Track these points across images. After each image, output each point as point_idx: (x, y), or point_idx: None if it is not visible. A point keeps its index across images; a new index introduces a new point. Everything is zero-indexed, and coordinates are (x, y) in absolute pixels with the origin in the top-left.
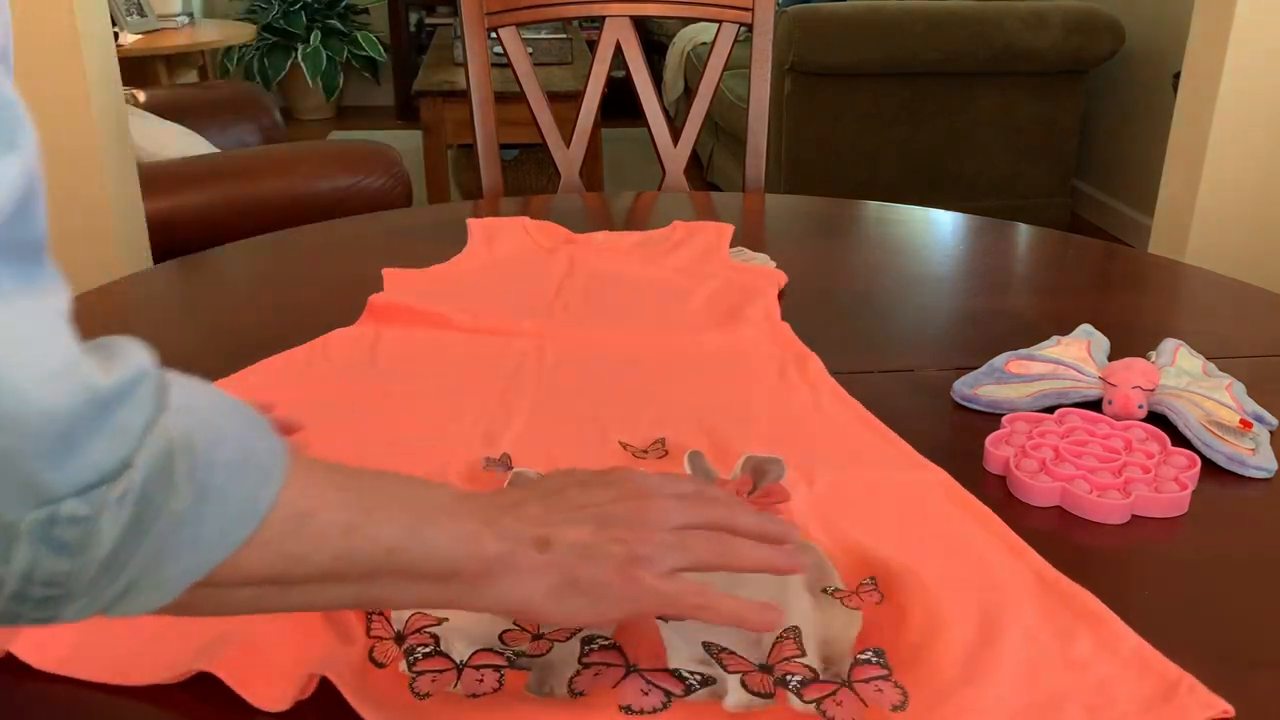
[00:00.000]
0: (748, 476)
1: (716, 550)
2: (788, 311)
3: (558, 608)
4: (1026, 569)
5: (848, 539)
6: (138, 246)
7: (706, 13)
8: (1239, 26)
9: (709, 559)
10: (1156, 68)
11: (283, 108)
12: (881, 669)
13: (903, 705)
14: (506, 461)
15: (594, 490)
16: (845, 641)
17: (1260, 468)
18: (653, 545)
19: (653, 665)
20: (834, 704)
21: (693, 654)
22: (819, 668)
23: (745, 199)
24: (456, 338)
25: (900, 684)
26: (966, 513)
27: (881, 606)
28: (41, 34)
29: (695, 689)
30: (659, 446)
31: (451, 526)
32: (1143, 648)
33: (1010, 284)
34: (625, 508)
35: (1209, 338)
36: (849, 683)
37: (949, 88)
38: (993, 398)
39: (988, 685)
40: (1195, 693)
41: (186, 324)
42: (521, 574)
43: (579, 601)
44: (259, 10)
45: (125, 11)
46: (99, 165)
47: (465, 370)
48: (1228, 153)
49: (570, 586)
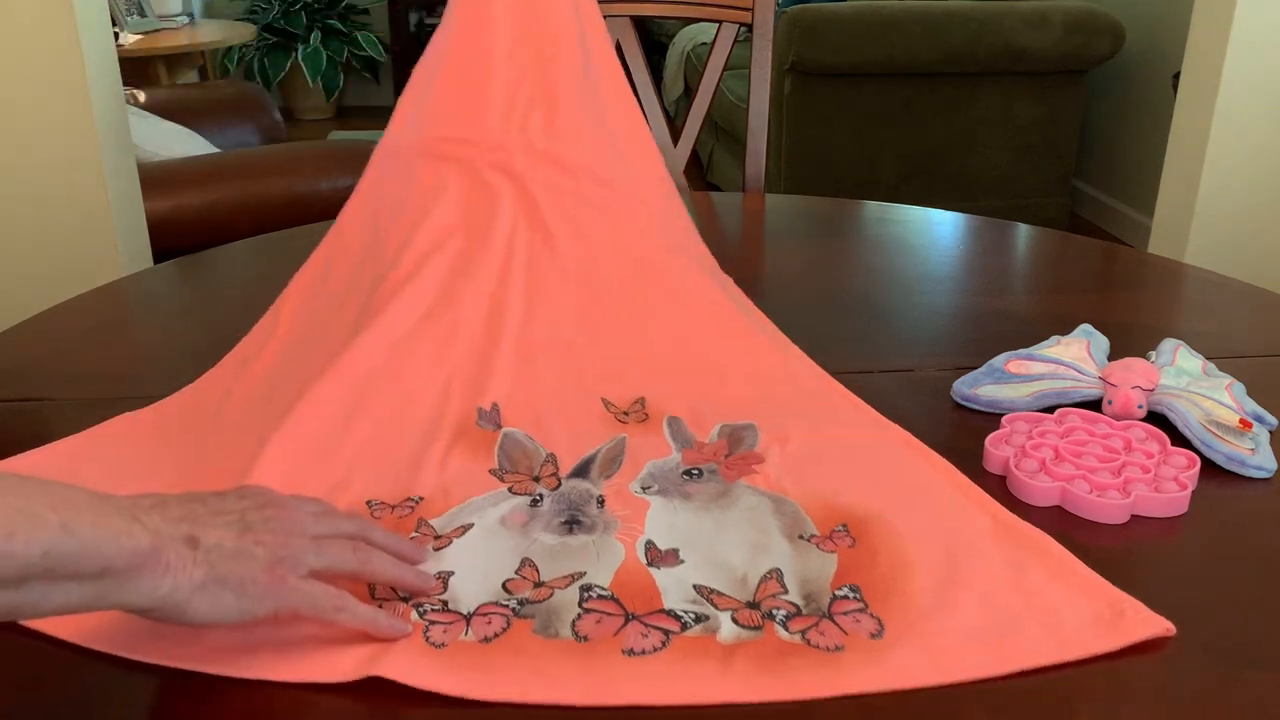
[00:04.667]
0: (724, 441)
1: (355, 558)
2: (787, 311)
3: (205, 604)
4: (983, 512)
5: (819, 492)
6: (138, 246)
7: (706, 13)
8: (1239, 26)
9: (347, 563)
10: (1156, 68)
11: (283, 108)
12: (858, 602)
13: (879, 633)
14: (495, 417)
15: (232, 501)
16: (823, 580)
17: (1260, 468)
18: (294, 548)
19: (649, 610)
20: (817, 634)
21: (685, 596)
22: (801, 603)
23: (745, 199)
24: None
25: (876, 614)
26: (927, 464)
27: (854, 549)
28: (41, 34)
29: (690, 626)
30: (639, 409)
31: (101, 523)
32: (1091, 576)
33: (1010, 284)
34: (265, 514)
35: (1209, 338)
36: (830, 615)
37: (949, 88)
38: (993, 398)
39: (955, 612)
40: (1139, 612)
41: (186, 324)
42: (171, 569)
43: (226, 598)
44: (259, 10)
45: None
46: (99, 165)
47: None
48: (1228, 153)
49: (218, 583)
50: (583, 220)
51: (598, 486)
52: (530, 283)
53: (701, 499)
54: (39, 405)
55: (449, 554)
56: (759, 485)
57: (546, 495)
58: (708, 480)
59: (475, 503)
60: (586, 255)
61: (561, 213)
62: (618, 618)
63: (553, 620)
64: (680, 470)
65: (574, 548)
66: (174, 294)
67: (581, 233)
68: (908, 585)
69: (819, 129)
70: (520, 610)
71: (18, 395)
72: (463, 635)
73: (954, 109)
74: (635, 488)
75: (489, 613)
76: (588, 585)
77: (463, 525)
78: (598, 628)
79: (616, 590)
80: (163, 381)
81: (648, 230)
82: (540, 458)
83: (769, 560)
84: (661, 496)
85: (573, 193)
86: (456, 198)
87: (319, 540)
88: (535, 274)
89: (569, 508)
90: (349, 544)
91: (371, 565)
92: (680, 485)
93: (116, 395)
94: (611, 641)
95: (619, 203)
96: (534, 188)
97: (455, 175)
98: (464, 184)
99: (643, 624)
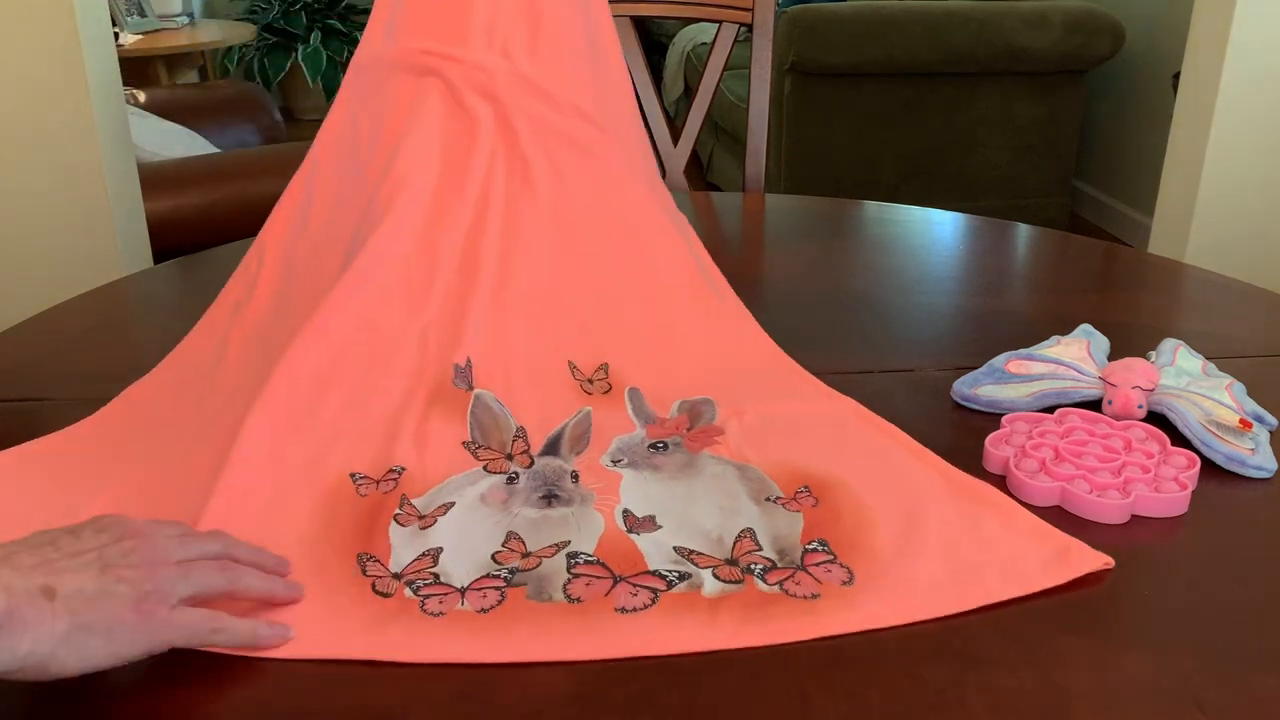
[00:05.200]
0: (684, 416)
1: (223, 577)
2: (787, 311)
3: (71, 655)
4: (934, 471)
5: (779, 458)
6: (138, 246)
7: (706, 13)
8: (1239, 26)
9: (216, 585)
10: (1156, 68)
11: (283, 108)
12: (827, 555)
13: (850, 581)
14: (468, 375)
15: (88, 537)
16: (793, 536)
17: (1260, 468)
18: (159, 579)
19: (635, 572)
20: (794, 584)
21: (667, 557)
22: (775, 557)
23: (745, 199)
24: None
25: (845, 564)
26: (878, 430)
27: (817, 509)
28: (41, 34)
29: (676, 583)
30: (603, 377)
31: None
32: (1039, 523)
33: (1010, 284)
34: (125, 547)
35: (1209, 338)
36: (803, 567)
37: (949, 88)
38: (993, 398)
39: (918, 560)
40: (1082, 551)
41: (186, 324)
42: (29, 626)
43: (94, 645)
44: (259, 10)
45: (125, 11)
46: (99, 165)
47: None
48: (1228, 153)
49: (83, 631)
50: (563, 158)
51: (569, 462)
52: (507, 224)
53: (670, 469)
54: (39, 405)
55: (434, 532)
56: (722, 454)
57: (522, 473)
58: (673, 452)
59: (454, 481)
60: (565, 196)
61: (542, 148)
62: (606, 580)
63: (545, 586)
64: (646, 444)
65: (555, 519)
66: (174, 294)
67: (561, 171)
68: (871, 539)
69: (819, 129)
70: (512, 579)
71: (18, 395)
72: (459, 605)
73: (954, 109)
74: (606, 461)
75: (483, 586)
76: (574, 552)
77: (444, 504)
78: (589, 590)
79: (602, 556)
80: None
81: (625, 178)
82: (510, 430)
83: (740, 521)
84: (632, 469)
85: (556, 128)
86: (435, 123)
87: (184, 565)
88: (512, 214)
89: (545, 483)
90: (215, 564)
91: (241, 583)
92: (648, 458)
93: (116, 395)
94: (603, 601)
95: (602, 143)
96: (516, 118)
97: (435, 94)
98: (443, 107)
99: (631, 584)
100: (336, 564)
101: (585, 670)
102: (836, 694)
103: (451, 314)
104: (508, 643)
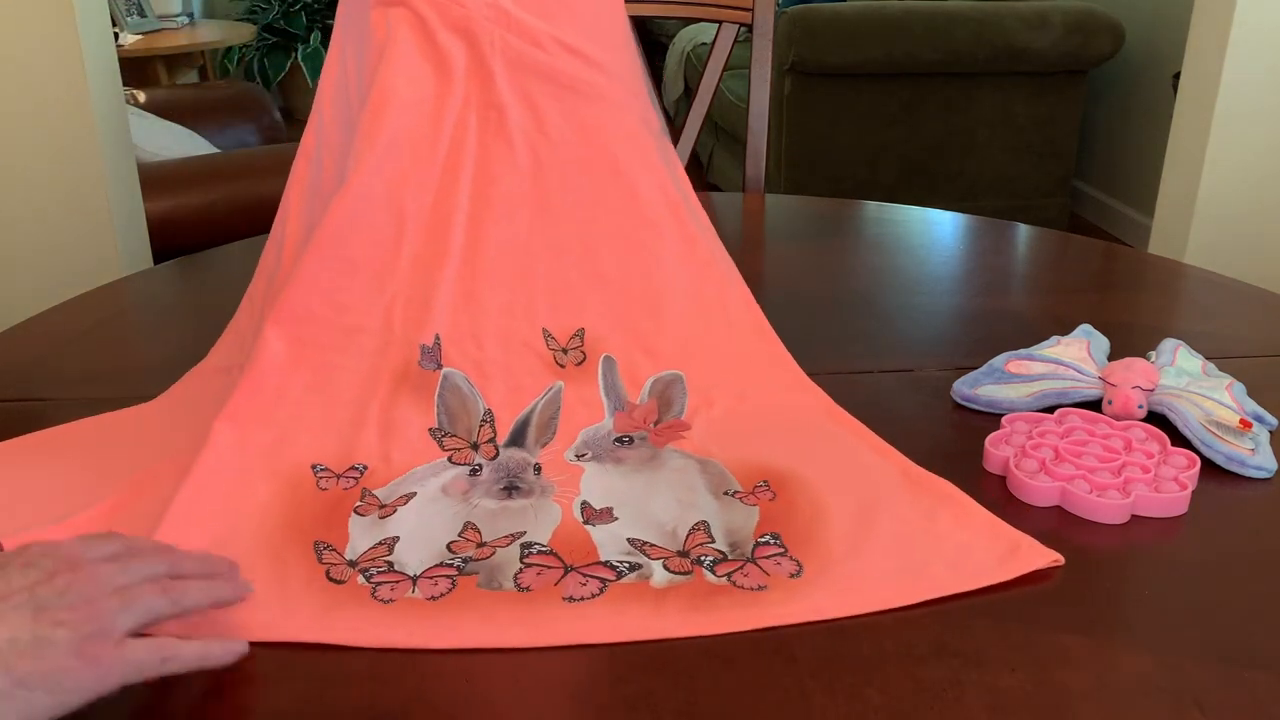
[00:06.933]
0: (654, 403)
1: (166, 600)
2: (787, 311)
3: (12, 714)
4: (893, 467)
5: (743, 454)
6: (138, 246)
7: (706, 13)
8: (1239, 26)
9: (161, 610)
10: (1156, 68)
11: (283, 108)
12: (779, 548)
13: (799, 574)
14: (436, 355)
15: (15, 575)
16: (747, 530)
17: (1260, 468)
18: (101, 616)
19: (587, 563)
20: (742, 575)
21: (620, 549)
22: (727, 550)
23: (745, 199)
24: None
25: (795, 557)
26: (842, 427)
27: (774, 503)
28: (41, 34)
29: (625, 574)
30: (578, 345)
31: None
32: (992, 520)
33: (1010, 284)
34: (58, 584)
35: (1209, 338)
36: (753, 559)
37: (949, 88)
38: (992, 398)
39: (868, 555)
40: (1033, 547)
41: (186, 324)
42: None
43: (37, 699)
44: (259, 10)
45: (125, 11)
46: (99, 165)
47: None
48: (1228, 153)
49: (22, 688)
50: (544, 103)
51: (534, 455)
52: (478, 183)
53: (633, 463)
54: (39, 405)
55: (392, 522)
56: (687, 449)
57: (485, 465)
58: (639, 446)
59: (417, 473)
60: (545, 145)
61: (520, 93)
62: (557, 570)
63: (496, 575)
64: (612, 438)
65: (514, 510)
66: (174, 294)
67: (541, 118)
68: (825, 533)
69: (819, 129)
70: (465, 568)
71: (18, 395)
72: (409, 593)
73: (954, 109)
74: (570, 455)
75: (435, 575)
76: (528, 543)
77: (406, 494)
78: (539, 579)
79: (556, 546)
80: (162, 382)
81: (613, 115)
82: (479, 413)
83: (696, 514)
84: (595, 462)
85: (538, 67)
86: (404, 67)
87: (125, 594)
88: (485, 171)
89: (507, 475)
90: (157, 587)
91: (186, 601)
92: (612, 451)
93: (116, 395)
94: (552, 591)
95: (589, 78)
96: (492, 59)
97: (405, 29)
98: (413, 47)
99: (581, 574)
100: (294, 552)
101: (585, 671)
102: (836, 694)
103: (420, 285)
104: (454, 630)
